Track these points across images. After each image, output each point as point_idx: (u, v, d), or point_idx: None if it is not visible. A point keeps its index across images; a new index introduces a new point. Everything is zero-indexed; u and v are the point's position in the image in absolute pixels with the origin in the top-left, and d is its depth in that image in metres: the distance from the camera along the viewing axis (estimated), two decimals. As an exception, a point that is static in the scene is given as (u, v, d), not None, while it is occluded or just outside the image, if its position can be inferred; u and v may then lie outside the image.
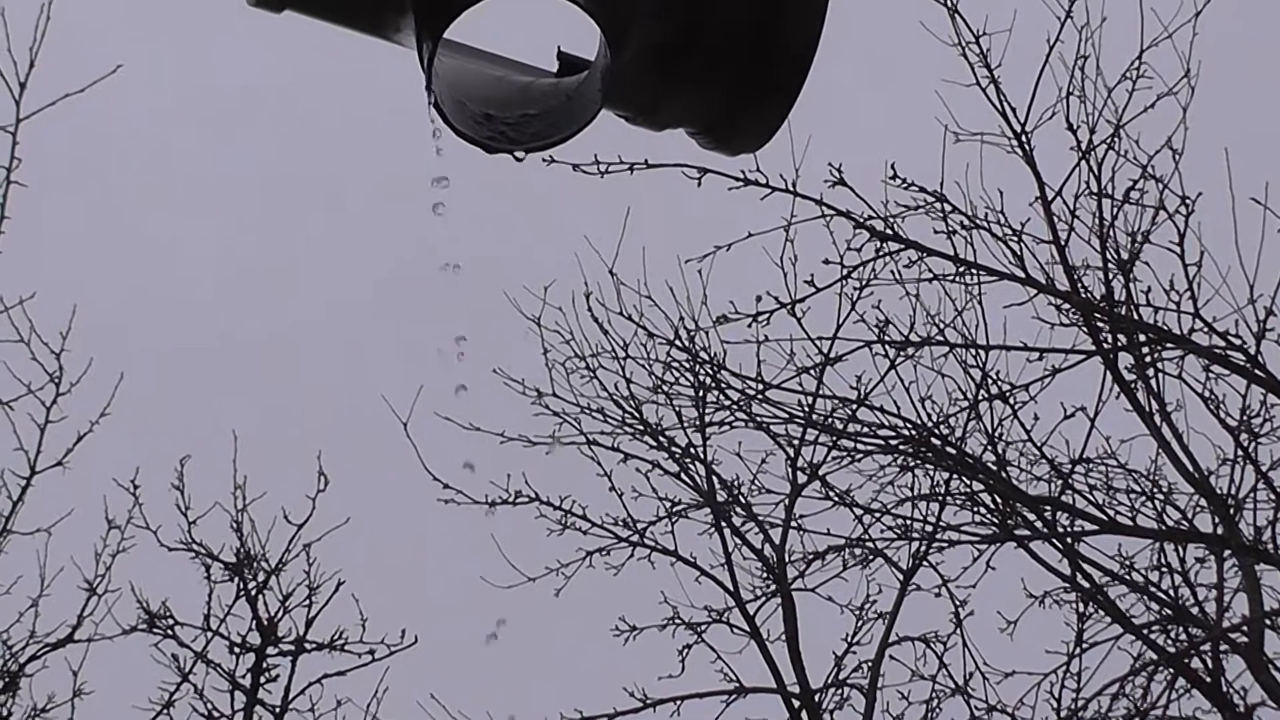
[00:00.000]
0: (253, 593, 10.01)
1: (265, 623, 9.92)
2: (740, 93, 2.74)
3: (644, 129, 2.89)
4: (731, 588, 11.08)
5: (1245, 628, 9.58)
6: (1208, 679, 9.70)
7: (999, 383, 9.96)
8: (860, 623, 11.11)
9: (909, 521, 10.61)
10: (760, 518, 11.10)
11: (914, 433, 10.15)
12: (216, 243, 16.14)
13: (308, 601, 10.04)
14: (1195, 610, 10.14)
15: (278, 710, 9.90)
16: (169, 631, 10.08)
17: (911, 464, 10.46)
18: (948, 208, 9.66)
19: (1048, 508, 9.99)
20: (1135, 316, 9.59)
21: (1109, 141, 9.73)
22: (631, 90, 2.73)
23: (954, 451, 10.15)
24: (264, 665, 9.93)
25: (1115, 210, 9.70)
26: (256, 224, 16.01)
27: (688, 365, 10.85)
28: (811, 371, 10.28)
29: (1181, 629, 10.05)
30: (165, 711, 9.91)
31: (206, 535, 10.31)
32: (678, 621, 11.23)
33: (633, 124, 2.86)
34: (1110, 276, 9.65)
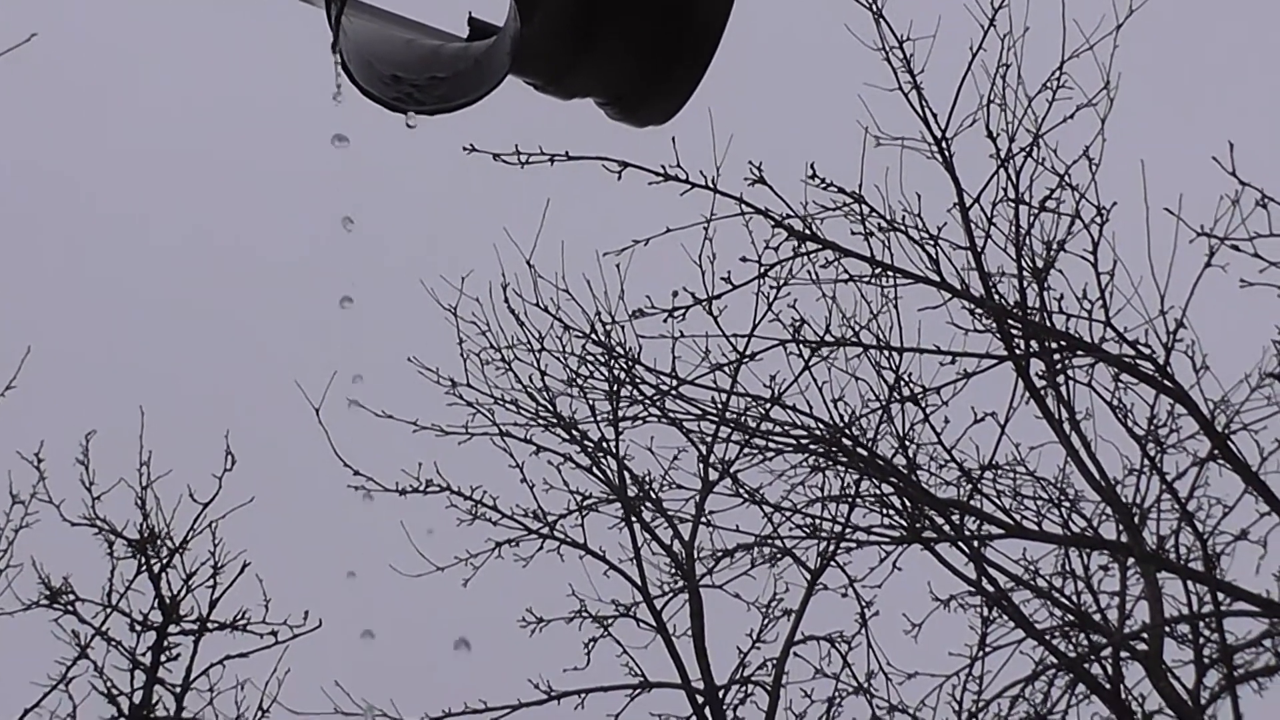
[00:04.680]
0: (156, 570, 9.95)
1: (168, 601, 9.86)
2: (650, 62, 2.75)
3: (552, 97, 2.89)
4: (639, 582, 11.12)
5: (1145, 635, 9.68)
6: (1107, 685, 9.78)
7: (911, 385, 10.02)
8: (766, 620, 11.18)
9: (818, 521, 10.66)
10: (670, 513, 11.14)
11: (826, 433, 10.19)
12: (131, 215, 16.01)
13: (212, 582, 10.00)
14: (1098, 617, 10.23)
15: (178, 690, 9.85)
16: (69, 607, 10.02)
17: (823, 464, 10.50)
18: (866, 209, 9.71)
19: (956, 511, 10.04)
20: (1048, 324, 9.67)
21: (1028, 150, 9.80)
22: (541, 57, 2.73)
23: (865, 453, 10.19)
24: (165, 644, 9.87)
25: (1032, 218, 9.77)
26: (172, 200, 15.90)
27: (603, 359, 10.87)
28: (726, 369, 10.30)
29: (1083, 635, 10.14)
30: (64, 688, 9.85)
31: (110, 511, 10.25)
32: (585, 615, 11.25)
33: (541, 92, 2.86)
34: (1025, 284, 9.72)
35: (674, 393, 10.47)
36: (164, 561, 9.97)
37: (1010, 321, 9.68)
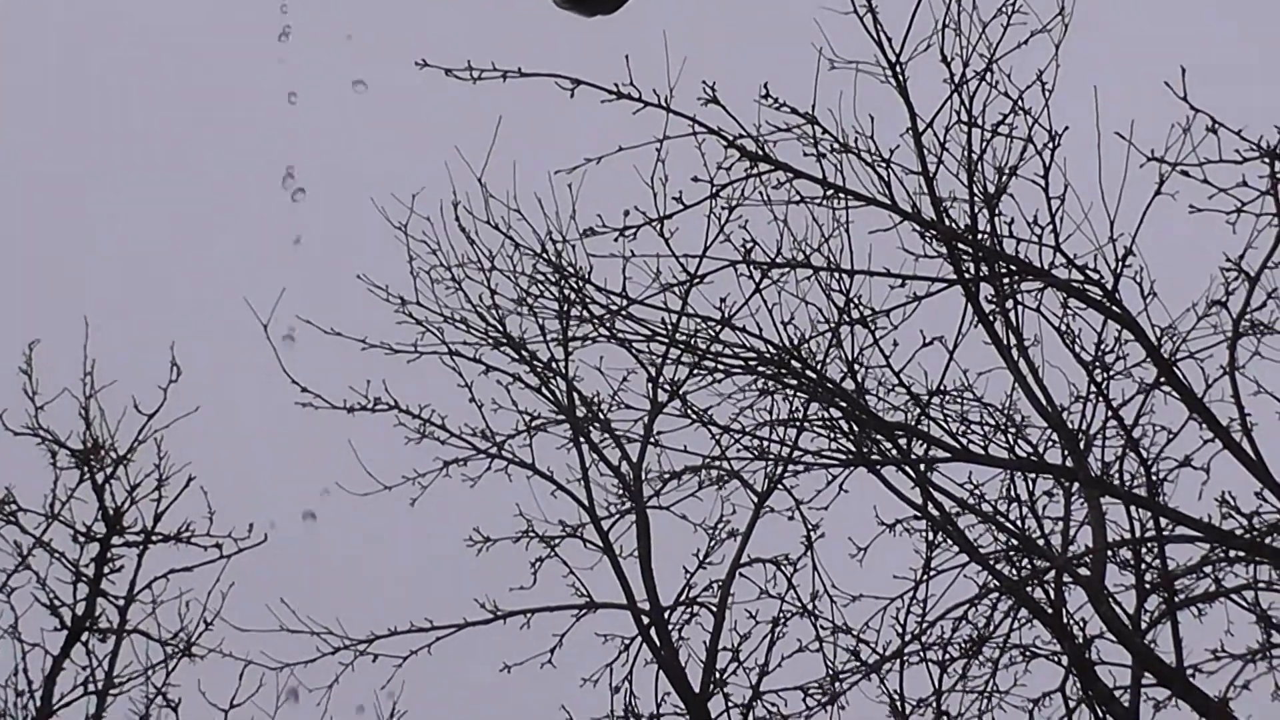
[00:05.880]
0: (99, 482, 9.90)
1: (111, 513, 9.82)
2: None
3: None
4: (587, 503, 11.14)
5: (1088, 560, 9.74)
6: (1049, 609, 9.84)
7: (861, 308, 10.02)
8: (713, 542, 11.24)
9: (766, 444, 10.69)
10: (619, 434, 11.16)
11: (775, 355, 10.18)
12: (74, 121, 15.89)
13: (156, 495, 9.96)
14: (1041, 542, 10.29)
15: (122, 602, 9.82)
16: (11, 518, 9.97)
17: (771, 388, 10.51)
18: (819, 130, 9.68)
19: (903, 435, 10.06)
20: (998, 248, 9.68)
21: (982, 75, 9.78)
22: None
23: (814, 376, 10.19)
24: (108, 555, 9.84)
25: (984, 143, 9.76)
26: (120, 105, 15.78)
27: (553, 279, 10.85)
28: (676, 290, 10.29)
29: (1026, 559, 10.20)
30: (5, 598, 9.83)
31: (53, 422, 10.19)
32: (531, 534, 11.29)
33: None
34: (976, 209, 9.71)
35: (624, 313, 10.44)
36: (108, 473, 9.93)
37: (960, 245, 9.68)
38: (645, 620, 10.90)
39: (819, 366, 10.20)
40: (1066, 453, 9.90)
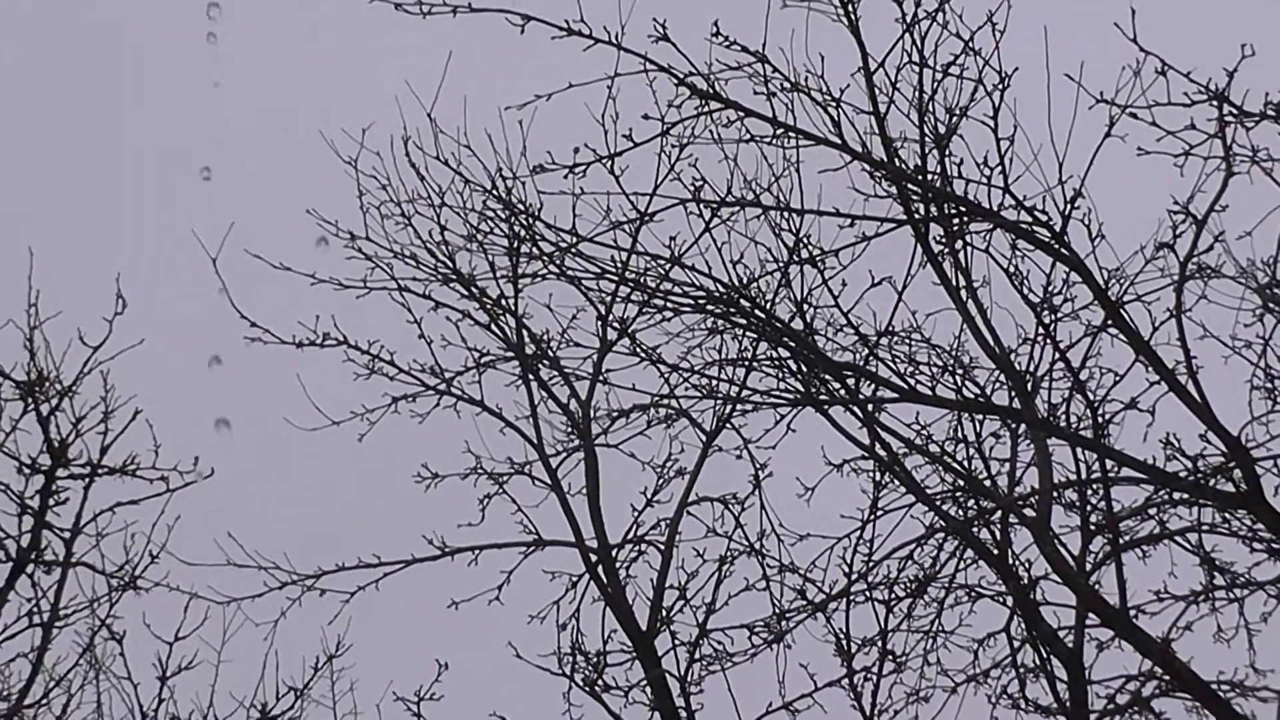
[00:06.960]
0: (44, 414, 9.85)
1: (56, 445, 9.77)
2: None
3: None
4: (535, 440, 11.14)
5: (1034, 500, 9.79)
6: (995, 550, 9.90)
7: (810, 248, 10.02)
8: (661, 480, 11.25)
9: (715, 383, 10.70)
10: (568, 372, 11.16)
11: (725, 294, 10.19)
12: (29, 73, 15.79)
13: (102, 427, 9.91)
14: (988, 483, 10.34)
15: (67, 535, 9.79)
16: (-46, 449, 9.90)
17: (721, 327, 10.52)
18: (769, 69, 9.65)
19: (851, 375, 10.09)
20: (948, 189, 9.68)
21: (933, 14, 9.76)
22: None
23: (763, 315, 10.20)
24: (54, 488, 9.80)
25: (935, 83, 9.74)
26: (61, 61, 15.67)
27: (503, 216, 10.82)
28: (626, 228, 10.27)
29: (973, 500, 10.25)
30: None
31: (-4, 352, 10.12)
32: (480, 471, 11.29)
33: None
34: (926, 150, 9.71)
35: (574, 251, 10.42)
36: (53, 405, 9.87)
37: (910, 186, 9.68)
38: (593, 558, 10.92)
39: (768, 306, 10.21)
40: (1014, 394, 9.94)
